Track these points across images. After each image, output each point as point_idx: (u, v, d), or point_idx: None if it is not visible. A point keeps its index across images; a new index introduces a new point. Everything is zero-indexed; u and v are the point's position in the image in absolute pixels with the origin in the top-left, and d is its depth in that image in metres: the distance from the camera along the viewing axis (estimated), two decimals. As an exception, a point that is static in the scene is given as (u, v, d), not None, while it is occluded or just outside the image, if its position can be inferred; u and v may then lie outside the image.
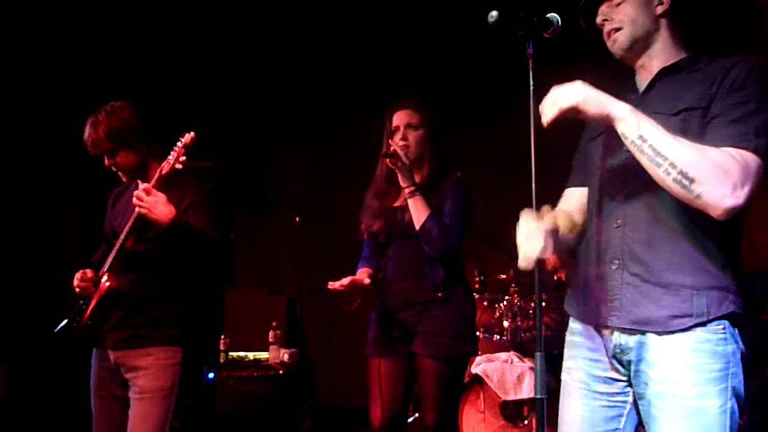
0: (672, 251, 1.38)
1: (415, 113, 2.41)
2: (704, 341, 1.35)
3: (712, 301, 1.36)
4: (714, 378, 1.35)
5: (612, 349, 1.47)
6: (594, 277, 1.48)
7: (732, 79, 1.37)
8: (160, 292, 2.16)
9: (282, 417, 3.60)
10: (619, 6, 1.48)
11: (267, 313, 3.99)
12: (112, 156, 2.17)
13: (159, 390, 2.10)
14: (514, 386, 3.10)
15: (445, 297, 2.30)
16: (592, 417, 1.49)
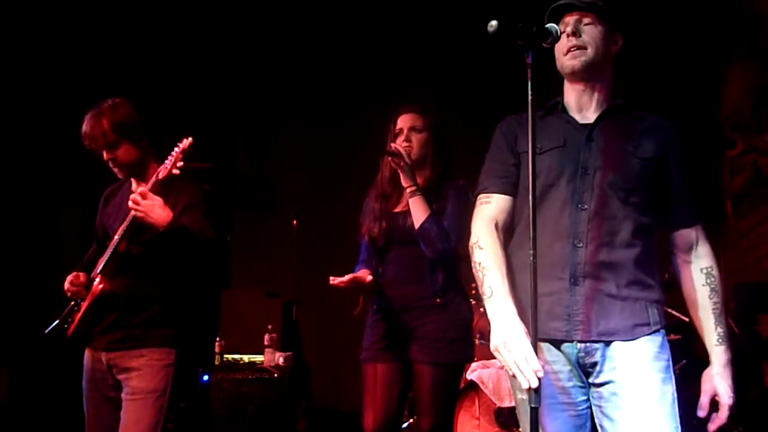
0: (629, 269, 1.52)
1: (419, 116, 2.41)
2: (659, 339, 1.53)
3: (659, 312, 1.55)
4: (666, 366, 1.52)
5: (575, 355, 1.51)
6: (554, 293, 1.51)
7: (679, 151, 1.61)
8: (154, 294, 2.16)
9: (276, 420, 3.59)
10: (587, 26, 1.56)
11: (263, 316, 3.99)
12: (113, 149, 2.14)
13: (152, 391, 2.09)
14: (509, 393, 3.10)
15: (443, 303, 2.29)
16: (560, 428, 1.53)
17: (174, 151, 2.05)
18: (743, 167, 4.69)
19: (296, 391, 3.80)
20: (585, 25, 1.56)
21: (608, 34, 1.58)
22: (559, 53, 1.59)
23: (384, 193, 2.43)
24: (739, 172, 4.74)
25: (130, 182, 2.27)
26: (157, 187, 2.04)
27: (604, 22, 1.57)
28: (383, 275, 2.39)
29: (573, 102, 1.62)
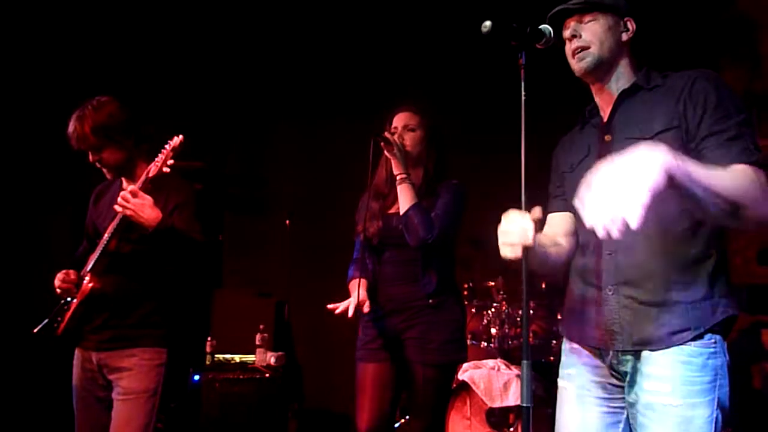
0: (663, 271, 1.43)
1: (414, 115, 2.41)
2: (696, 355, 1.40)
3: (705, 312, 1.41)
4: (703, 390, 1.39)
5: (609, 360, 1.50)
6: (590, 303, 1.51)
7: (702, 96, 1.40)
8: (145, 294, 2.15)
9: (268, 420, 3.58)
10: (588, 24, 1.51)
11: (255, 316, 3.97)
12: (98, 152, 2.13)
13: (143, 391, 2.08)
14: (501, 393, 3.11)
15: (436, 304, 2.30)
16: (593, 423, 1.52)
17: (164, 149, 2.04)
18: (733, 171, 4.73)
19: (288, 391, 3.79)
20: (586, 23, 1.52)
21: (614, 25, 1.52)
22: (568, 58, 1.57)
23: (381, 192, 2.43)
24: (729, 175, 4.77)
25: (120, 180, 2.26)
26: (148, 185, 2.03)
27: (607, 14, 1.52)
28: (377, 275, 2.39)
29: (599, 102, 1.60)
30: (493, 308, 3.52)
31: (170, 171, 2.04)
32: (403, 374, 2.33)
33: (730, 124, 1.37)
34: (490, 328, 3.50)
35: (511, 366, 3.22)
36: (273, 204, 4.63)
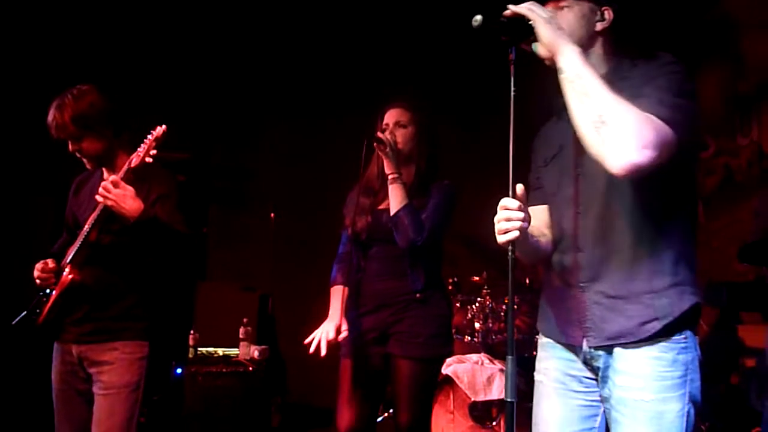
0: (627, 262, 1.43)
1: (405, 112, 2.40)
2: (667, 350, 1.41)
3: (672, 300, 1.41)
4: (674, 385, 1.40)
5: (582, 356, 1.51)
6: (564, 299, 1.52)
7: (652, 73, 1.41)
8: (126, 286, 2.12)
9: (251, 414, 3.57)
10: (562, 12, 1.48)
11: (239, 309, 3.95)
12: (77, 141, 2.09)
13: (125, 385, 2.05)
14: (484, 387, 3.13)
15: (423, 298, 2.30)
16: (569, 415, 1.52)
17: (147, 138, 2.01)
18: (715, 169, 4.79)
19: (271, 385, 3.78)
20: (561, 10, 1.49)
21: (589, 13, 1.49)
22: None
23: (371, 188, 2.42)
24: (711, 173, 4.84)
25: (101, 170, 2.22)
26: (129, 175, 2.00)
27: (583, 2, 1.49)
28: (364, 270, 2.38)
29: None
30: (477, 303, 3.53)
31: (153, 162, 2.01)
32: (386, 370, 2.33)
33: (663, 92, 1.36)
34: (474, 323, 3.52)
35: (495, 360, 3.25)
36: (259, 197, 4.60)
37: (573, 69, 1.35)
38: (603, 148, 1.30)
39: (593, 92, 1.32)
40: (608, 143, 1.29)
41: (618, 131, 1.28)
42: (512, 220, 1.37)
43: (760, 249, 2.82)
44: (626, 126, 1.28)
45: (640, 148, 1.27)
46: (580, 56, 1.36)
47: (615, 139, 1.28)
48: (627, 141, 1.28)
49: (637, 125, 1.28)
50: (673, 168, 1.37)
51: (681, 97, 1.36)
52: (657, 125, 1.30)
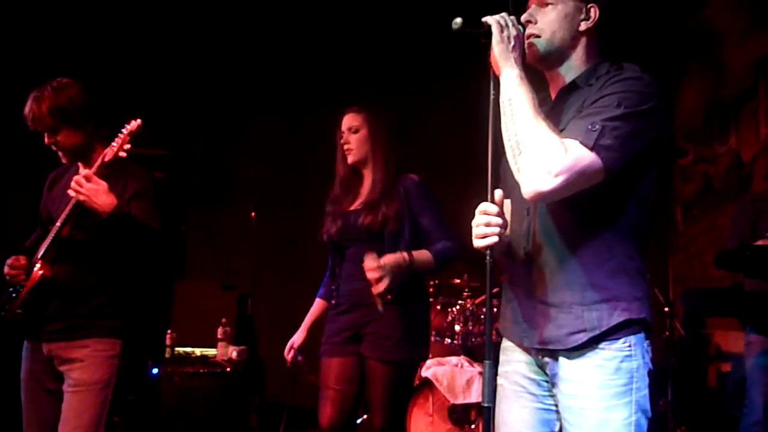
0: (562, 272, 1.43)
1: (356, 115, 2.42)
2: (610, 358, 1.40)
3: (601, 314, 1.40)
4: (618, 393, 1.39)
5: (536, 362, 1.52)
6: (513, 301, 1.54)
7: (605, 86, 1.39)
8: (99, 283, 2.08)
9: (228, 414, 3.54)
10: (545, 8, 1.47)
11: (217, 309, 3.92)
12: (54, 134, 2.06)
13: (95, 383, 2.01)
14: (463, 390, 3.13)
15: (396, 300, 2.29)
16: (529, 419, 1.52)
17: (121, 132, 1.97)
18: (694, 176, 4.85)
19: (249, 385, 3.75)
20: (545, 7, 1.47)
21: (574, 12, 1.46)
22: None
23: (337, 196, 2.46)
24: (690, 180, 4.90)
25: (77, 166, 2.18)
26: (103, 170, 1.96)
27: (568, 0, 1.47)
28: (341, 272, 2.41)
29: (551, 91, 1.56)
30: (458, 305, 3.53)
31: (129, 158, 1.98)
32: (363, 369, 2.34)
33: (597, 108, 1.35)
34: (454, 325, 3.52)
35: (474, 363, 3.25)
36: (238, 195, 4.57)
37: (508, 92, 1.38)
38: (517, 175, 1.36)
39: (518, 118, 1.36)
40: (521, 170, 1.35)
41: (529, 159, 1.33)
42: (491, 225, 1.37)
43: (737, 256, 2.86)
44: (537, 153, 1.31)
45: (548, 176, 1.30)
46: (518, 79, 1.38)
47: (526, 167, 1.33)
48: (535, 169, 1.31)
49: (546, 154, 1.30)
50: (613, 185, 1.36)
51: (622, 118, 1.33)
52: (574, 153, 1.30)
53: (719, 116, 4.57)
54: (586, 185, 1.33)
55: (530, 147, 1.33)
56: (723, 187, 4.50)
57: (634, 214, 1.44)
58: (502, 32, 1.39)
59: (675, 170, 5.00)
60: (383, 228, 2.31)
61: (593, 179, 1.33)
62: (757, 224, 2.97)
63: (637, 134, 1.35)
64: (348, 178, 2.43)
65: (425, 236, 2.35)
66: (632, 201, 1.43)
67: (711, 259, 3.37)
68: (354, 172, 2.45)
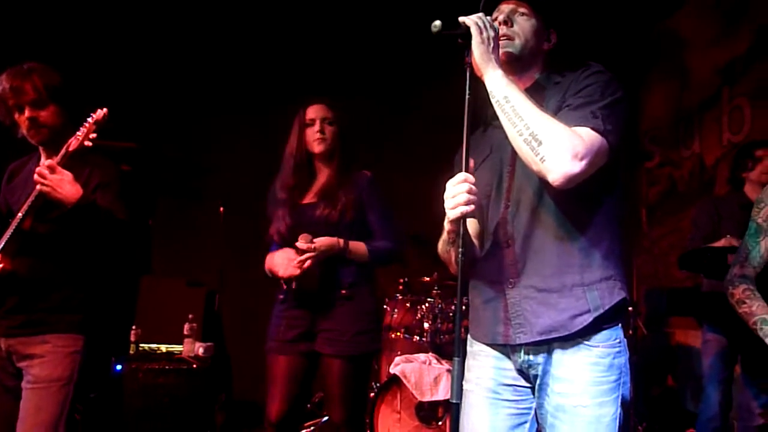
0: (558, 256, 1.46)
1: (330, 109, 2.43)
2: (604, 356, 1.44)
3: (603, 292, 1.44)
4: (609, 389, 1.44)
5: (519, 364, 1.52)
6: (494, 299, 1.52)
7: (579, 80, 1.48)
8: (61, 277, 2.02)
9: (194, 412, 3.49)
10: (521, 17, 1.54)
11: (184, 305, 3.86)
12: (38, 109, 1.99)
13: (55, 379, 1.96)
14: (431, 387, 3.14)
15: (349, 295, 2.32)
16: (500, 425, 1.53)
17: (87, 121, 1.92)
18: (659, 179, 4.97)
19: (216, 382, 3.71)
20: (519, 15, 1.54)
21: (541, 29, 1.56)
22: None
23: (289, 185, 2.41)
24: (655, 183, 5.01)
25: (38, 156, 2.12)
26: (67, 160, 1.91)
27: (538, 16, 1.55)
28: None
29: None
30: (427, 303, 3.55)
31: (95, 150, 1.93)
32: (315, 365, 2.34)
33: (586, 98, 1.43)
34: (423, 323, 3.53)
35: (443, 360, 3.26)
36: (208, 191, 4.51)
37: (500, 91, 1.41)
38: (542, 165, 1.37)
39: (523, 112, 1.39)
40: (546, 160, 1.36)
41: (552, 147, 1.35)
42: (473, 192, 1.37)
43: (698, 257, 2.94)
44: (559, 141, 1.35)
45: (575, 160, 1.35)
46: (505, 78, 1.42)
47: (551, 155, 1.35)
48: (562, 155, 1.35)
49: (568, 139, 1.35)
50: (607, 169, 1.44)
51: (610, 105, 1.42)
52: (589, 137, 1.38)
53: (684, 121, 4.69)
54: (599, 167, 1.40)
55: (551, 137, 1.35)
56: (686, 191, 4.62)
57: (619, 198, 1.51)
58: (482, 34, 1.41)
59: (641, 173, 5.11)
60: (341, 219, 2.32)
61: (603, 160, 1.41)
62: (720, 226, 3.06)
63: (621, 118, 1.44)
64: (304, 167, 2.40)
65: (370, 232, 2.38)
66: (619, 184, 1.51)
67: (674, 260, 3.45)
68: (308, 163, 2.43)
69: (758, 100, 3.92)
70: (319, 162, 2.44)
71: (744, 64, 4.07)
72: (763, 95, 3.87)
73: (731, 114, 4.18)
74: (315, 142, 2.38)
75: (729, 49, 4.20)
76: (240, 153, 4.66)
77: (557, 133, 1.36)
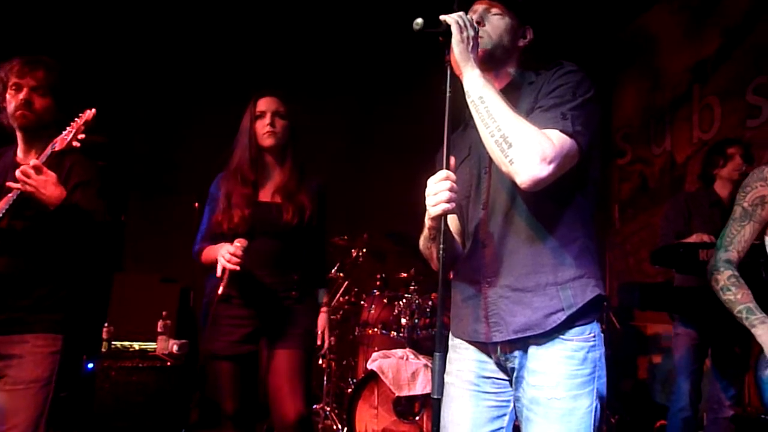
0: (531, 256, 1.48)
1: (282, 103, 2.36)
2: (578, 349, 1.46)
3: (576, 290, 1.46)
4: (584, 382, 1.45)
5: (497, 357, 1.54)
6: (472, 298, 1.55)
7: (552, 80, 1.49)
8: (40, 275, 1.98)
9: (168, 410, 3.44)
10: (494, 17, 1.55)
11: (158, 302, 3.81)
12: (37, 95, 1.97)
13: (35, 380, 1.91)
14: (408, 383, 3.15)
15: (299, 296, 2.31)
16: (480, 417, 1.54)
17: (74, 121, 1.88)
18: (631, 176, 5.05)
19: (190, 380, 3.67)
20: (492, 15, 1.55)
21: (515, 27, 1.57)
22: None
23: (245, 178, 2.32)
24: (627, 180, 5.10)
25: (13, 152, 2.06)
26: (53, 160, 1.87)
27: (512, 14, 1.56)
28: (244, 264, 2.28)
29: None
30: (404, 299, 3.56)
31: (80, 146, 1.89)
32: (260, 365, 2.31)
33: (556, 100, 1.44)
34: (400, 318, 3.54)
35: (420, 356, 3.28)
36: (182, 186, 4.44)
37: (476, 91, 1.42)
38: (510, 167, 1.38)
39: (496, 114, 1.39)
40: (514, 163, 1.37)
41: (521, 150, 1.36)
42: (454, 190, 1.37)
43: (669, 252, 2.99)
44: (528, 144, 1.36)
45: (543, 164, 1.35)
46: (482, 78, 1.42)
47: (519, 158, 1.36)
48: (530, 158, 1.35)
49: (538, 143, 1.36)
50: (578, 169, 1.45)
51: (581, 106, 1.43)
52: (558, 139, 1.39)
53: (655, 119, 4.77)
54: (568, 168, 1.41)
55: (520, 139, 1.36)
56: (658, 187, 4.71)
57: (592, 197, 1.52)
58: (462, 33, 1.41)
59: (613, 170, 5.19)
60: (299, 225, 2.28)
61: (573, 162, 1.42)
62: (690, 222, 3.12)
63: (592, 117, 1.45)
64: (257, 162, 2.33)
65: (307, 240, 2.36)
66: (591, 183, 1.51)
67: (646, 256, 3.52)
68: (260, 157, 2.35)
69: (727, 98, 4.02)
70: (269, 156, 2.35)
71: (713, 64, 4.16)
72: (732, 94, 3.96)
73: (701, 112, 4.27)
74: (265, 135, 2.30)
75: (699, 49, 4.29)
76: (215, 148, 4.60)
77: (527, 136, 1.36)
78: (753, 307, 1.86)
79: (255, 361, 2.31)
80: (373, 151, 4.70)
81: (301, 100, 2.49)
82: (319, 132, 4.37)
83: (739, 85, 3.89)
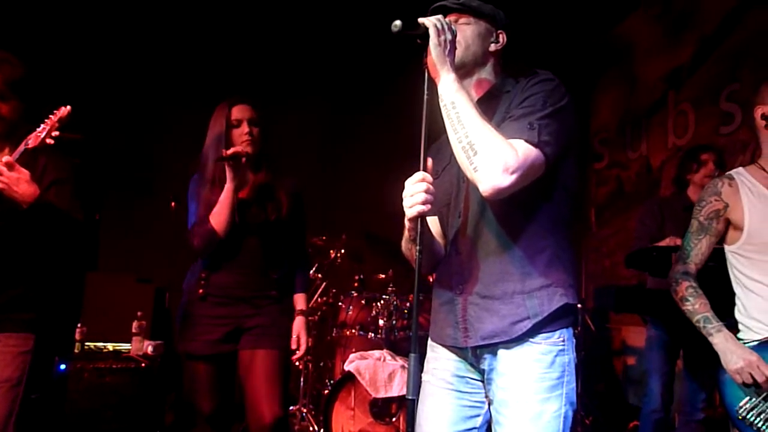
0: (499, 264, 1.49)
1: (255, 110, 2.39)
2: (546, 353, 1.47)
3: (542, 300, 1.47)
4: (552, 386, 1.47)
5: (469, 358, 1.57)
6: (447, 303, 1.57)
7: (525, 89, 1.50)
8: (13, 274, 1.95)
9: (142, 412, 3.39)
10: (462, 25, 1.57)
11: (132, 302, 3.75)
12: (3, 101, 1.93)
13: (5, 380, 1.88)
14: (385, 384, 3.15)
15: (278, 296, 2.32)
16: (454, 415, 1.56)
17: (49, 118, 1.85)
18: (608, 180, 5.12)
19: (165, 381, 3.62)
20: (461, 24, 1.57)
21: (485, 33, 1.59)
22: None
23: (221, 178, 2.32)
24: (604, 184, 5.16)
25: None
26: (26, 157, 1.83)
27: (481, 21, 1.58)
28: (214, 262, 2.32)
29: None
30: (382, 300, 3.56)
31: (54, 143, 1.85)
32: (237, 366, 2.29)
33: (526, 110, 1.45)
34: (378, 320, 3.54)
35: (397, 357, 3.28)
36: (158, 185, 4.39)
37: (449, 96, 1.42)
38: (474, 175, 1.39)
39: (465, 120, 1.40)
40: (477, 171, 1.38)
41: (485, 158, 1.37)
42: (430, 192, 1.39)
43: (643, 256, 3.03)
44: (492, 153, 1.37)
45: (505, 174, 1.36)
46: (456, 83, 1.43)
47: (483, 166, 1.37)
48: (493, 167, 1.36)
49: (502, 153, 1.37)
50: (546, 178, 1.46)
51: (550, 115, 1.44)
52: (523, 150, 1.39)
53: (632, 125, 4.84)
54: (533, 179, 1.42)
55: (485, 148, 1.37)
56: (633, 191, 4.78)
57: (563, 204, 1.53)
58: (440, 36, 1.42)
59: (590, 174, 5.26)
60: (277, 221, 2.31)
61: (539, 172, 1.43)
62: (664, 226, 3.17)
63: (563, 127, 1.46)
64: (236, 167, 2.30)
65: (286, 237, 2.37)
66: (561, 192, 1.52)
67: (621, 259, 3.55)
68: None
69: (701, 105, 4.09)
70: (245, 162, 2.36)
71: (688, 71, 4.24)
72: (706, 101, 4.04)
73: (676, 118, 4.34)
74: (244, 143, 2.32)
75: (674, 56, 4.36)
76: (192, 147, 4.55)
77: (492, 145, 1.37)
78: (710, 316, 1.95)
79: (232, 360, 2.30)
80: (351, 152, 4.70)
81: (278, 101, 2.50)
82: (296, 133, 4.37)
83: (712, 92, 3.97)
